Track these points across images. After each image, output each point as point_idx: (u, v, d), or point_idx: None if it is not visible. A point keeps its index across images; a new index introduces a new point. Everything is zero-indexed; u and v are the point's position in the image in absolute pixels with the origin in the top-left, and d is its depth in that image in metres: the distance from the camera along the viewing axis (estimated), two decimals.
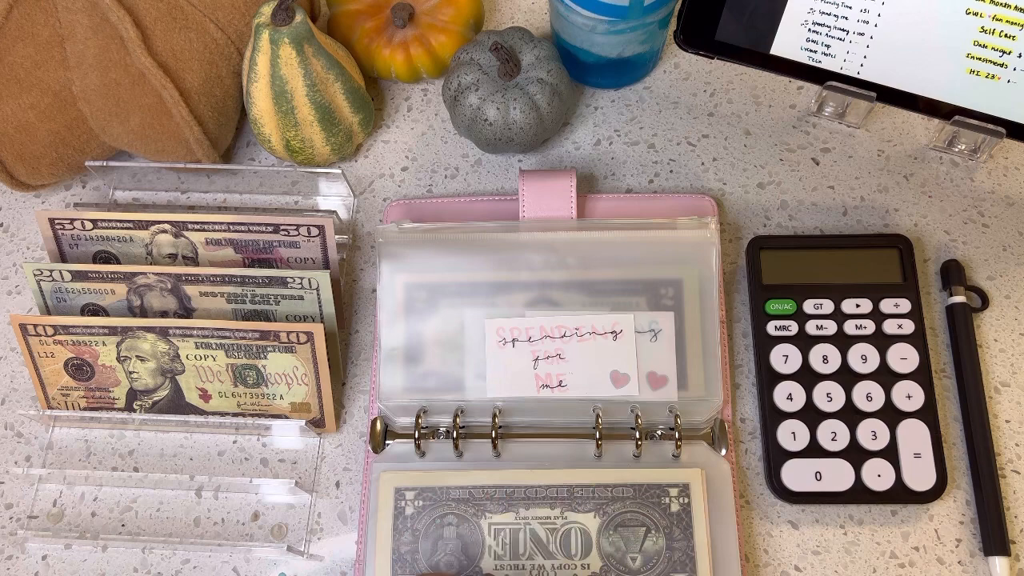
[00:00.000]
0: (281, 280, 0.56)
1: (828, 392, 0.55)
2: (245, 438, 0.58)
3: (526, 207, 0.59)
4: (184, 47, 0.58)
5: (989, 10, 0.52)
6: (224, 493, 0.56)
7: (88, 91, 0.58)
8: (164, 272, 0.56)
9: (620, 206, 0.61)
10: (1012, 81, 0.54)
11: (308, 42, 0.57)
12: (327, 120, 0.60)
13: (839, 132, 0.64)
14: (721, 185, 0.63)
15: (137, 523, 0.56)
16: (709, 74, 0.67)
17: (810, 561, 0.53)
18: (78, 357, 0.56)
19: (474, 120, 0.59)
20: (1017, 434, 0.55)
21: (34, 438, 0.59)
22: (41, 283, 0.57)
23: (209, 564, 0.55)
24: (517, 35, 0.60)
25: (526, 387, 0.55)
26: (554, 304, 0.56)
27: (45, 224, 0.58)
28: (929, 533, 0.53)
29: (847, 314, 0.56)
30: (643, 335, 0.55)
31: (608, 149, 0.64)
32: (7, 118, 0.58)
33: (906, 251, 0.58)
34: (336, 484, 0.56)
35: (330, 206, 0.64)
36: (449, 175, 0.64)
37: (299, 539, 0.55)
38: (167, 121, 0.58)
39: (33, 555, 0.55)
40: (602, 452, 0.53)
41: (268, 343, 0.55)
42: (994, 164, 0.62)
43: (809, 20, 0.55)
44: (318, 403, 0.56)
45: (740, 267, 0.60)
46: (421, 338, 0.56)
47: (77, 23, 0.57)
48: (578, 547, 0.52)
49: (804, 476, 0.53)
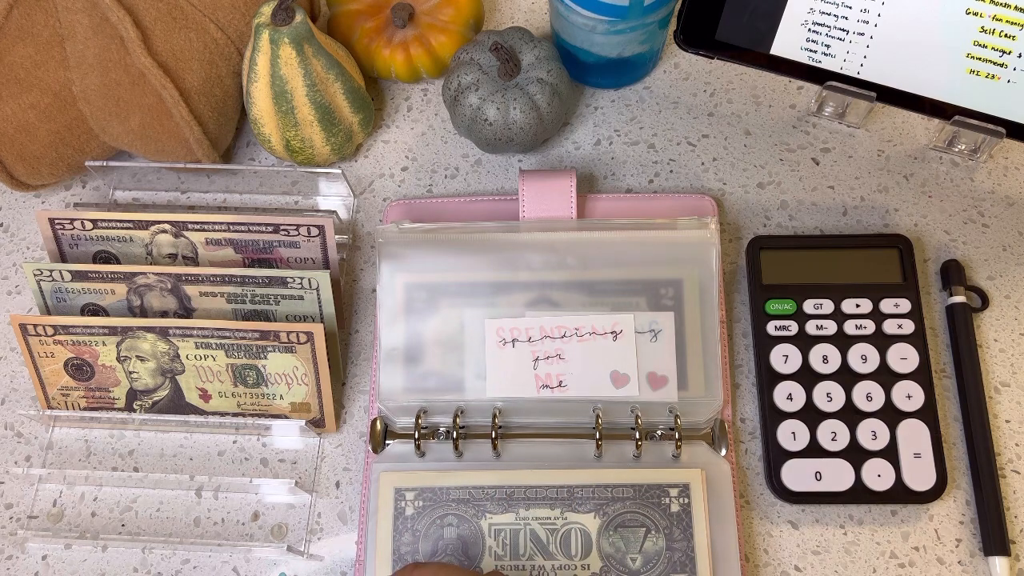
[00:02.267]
0: (281, 280, 0.56)
1: (828, 392, 0.55)
2: (245, 438, 0.58)
3: (526, 207, 0.59)
4: (184, 47, 0.58)
5: (989, 10, 0.52)
6: (224, 493, 0.56)
7: (88, 91, 0.58)
8: (164, 272, 0.56)
9: (620, 206, 0.61)
10: (1012, 81, 0.54)
11: (308, 42, 0.57)
12: (327, 120, 0.60)
13: (839, 132, 0.64)
14: (721, 185, 0.63)
15: (137, 523, 0.56)
16: (709, 74, 0.67)
17: (810, 561, 0.53)
18: (78, 357, 0.56)
19: (474, 120, 0.59)
20: (1017, 434, 0.55)
21: (34, 438, 0.59)
22: (41, 283, 0.57)
23: (209, 564, 0.55)
24: (517, 35, 0.60)
25: (526, 387, 0.55)
26: (554, 304, 0.56)
27: (45, 224, 0.58)
28: (929, 533, 0.53)
29: (847, 314, 0.56)
30: (643, 335, 0.55)
31: (608, 149, 0.64)
32: (7, 118, 0.58)
33: (906, 251, 0.58)
34: (336, 484, 0.56)
35: (330, 206, 0.64)
36: (449, 175, 0.64)
37: (299, 539, 0.55)
38: (167, 121, 0.58)
39: (33, 555, 0.55)
40: (602, 452, 0.53)
41: (268, 343, 0.55)
42: (994, 164, 0.62)
43: (809, 20, 0.55)
44: (318, 403, 0.56)
45: (740, 267, 0.60)
46: (421, 338, 0.56)
47: (77, 23, 0.57)
48: (578, 547, 0.52)
49: (804, 476, 0.53)
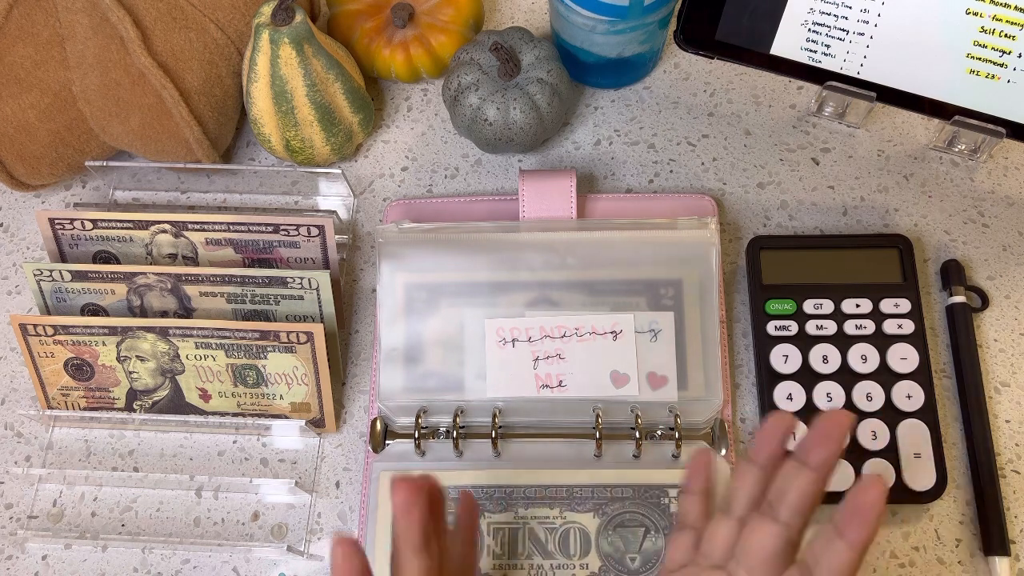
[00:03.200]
0: (281, 280, 0.56)
1: (828, 392, 0.55)
2: (245, 438, 0.58)
3: (526, 207, 0.59)
4: (184, 47, 0.58)
5: (989, 10, 0.52)
6: (224, 493, 0.56)
7: (88, 91, 0.58)
8: (164, 272, 0.56)
9: (620, 206, 0.61)
10: (1012, 81, 0.54)
11: (308, 42, 0.57)
12: (327, 120, 0.60)
13: (839, 132, 0.64)
14: (721, 185, 0.63)
15: (137, 523, 0.56)
16: (709, 74, 0.67)
17: None
18: (78, 357, 0.56)
19: (474, 120, 0.59)
20: (1017, 434, 0.55)
21: (34, 438, 0.59)
22: (41, 283, 0.57)
23: (209, 564, 0.55)
24: (517, 35, 0.60)
25: (526, 387, 0.55)
26: (554, 304, 0.56)
27: (45, 224, 0.58)
28: (929, 533, 0.53)
29: (847, 314, 0.56)
30: (643, 335, 0.55)
31: (608, 149, 0.64)
32: (7, 118, 0.58)
33: (906, 251, 0.57)
34: (336, 484, 0.56)
35: (330, 206, 0.64)
36: (449, 175, 0.64)
37: (299, 539, 0.55)
38: (167, 121, 0.58)
39: (33, 555, 0.55)
40: (602, 452, 0.53)
41: (268, 343, 0.55)
42: (994, 164, 0.62)
43: (809, 20, 0.55)
44: (318, 403, 0.56)
45: (740, 267, 0.60)
46: (421, 338, 0.56)
47: (77, 23, 0.57)
48: (577, 547, 0.52)
49: None
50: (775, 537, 0.39)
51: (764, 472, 0.42)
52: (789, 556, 0.39)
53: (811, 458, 0.40)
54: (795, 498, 0.39)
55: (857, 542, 0.37)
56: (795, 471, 0.40)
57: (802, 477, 0.39)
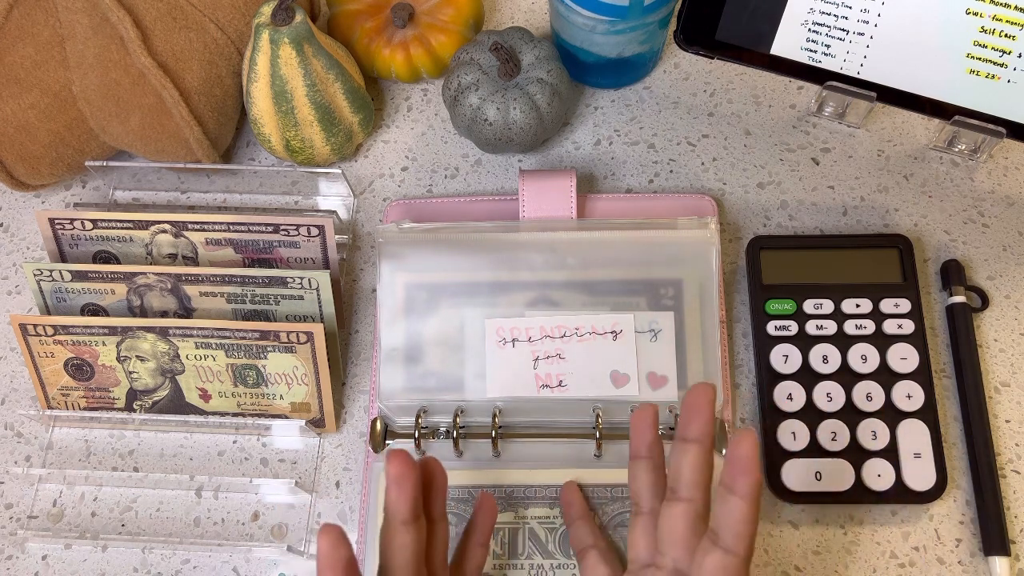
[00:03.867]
0: (281, 280, 0.56)
1: (828, 392, 0.55)
2: (245, 438, 0.58)
3: (526, 207, 0.59)
4: (184, 47, 0.58)
5: (989, 10, 0.52)
6: (224, 493, 0.56)
7: (88, 91, 0.58)
8: (164, 272, 0.56)
9: (620, 206, 0.61)
10: (1012, 81, 0.54)
11: (308, 42, 0.57)
12: (327, 120, 0.60)
13: (839, 132, 0.64)
14: (721, 185, 0.63)
15: (137, 523, 0.56)
16: (709, 74, 0.67)
17: (810, 561, 0.53)
18: (78, 357, 0.56)
19: (474, 120, 0.59)
20: (1017, 434, 0.55)
21: (34, 438, 0.59)
22: (41, 283, 0.57)
23: (209, 564, 0.55)
24: (517, 35, 0.60)
25: (526, 387, 0.55)
26: (554, 304, 0.56)
27: (45, 224, 0.58)
28: (929, 533, 0.53)
29: (847, 314, 0.56)
30: (643, 335, 0.55)
31: (608, 149, 0.64)
32: (7, 118, 0.58)
33: (906, 251, 0.58)
34: (336, 484, 0.56)
35: (330, 206, 0.64)
36: (449, 175, 0.64)
37: (299, 539, 0.55)
38: (167, 121, 0.58)
39: (33, 555, 0.55)
40: (602, 452, 0.53)
41: (268, 343, 0.55)
42: (994, 164, 0.62)
43: (809, 20, 0.55)
44: (318, 403, 0.56)
45: (740, 267, 0.60)
46: (421, 338, 0.56)
47: (77, 23, 0.57)
48: None
49: (804, 476, 0.53)
50: (684, 515, 0.42)
51: (654, 462, 0.45)
52: (700, 529, 0.42)
53: (690, 432, 0.42)
54: (689, 473, 0.42)
55: (747, 492, 0.39)
56: (682, 450, 0.42)
57: (689, 453, 0.42)
